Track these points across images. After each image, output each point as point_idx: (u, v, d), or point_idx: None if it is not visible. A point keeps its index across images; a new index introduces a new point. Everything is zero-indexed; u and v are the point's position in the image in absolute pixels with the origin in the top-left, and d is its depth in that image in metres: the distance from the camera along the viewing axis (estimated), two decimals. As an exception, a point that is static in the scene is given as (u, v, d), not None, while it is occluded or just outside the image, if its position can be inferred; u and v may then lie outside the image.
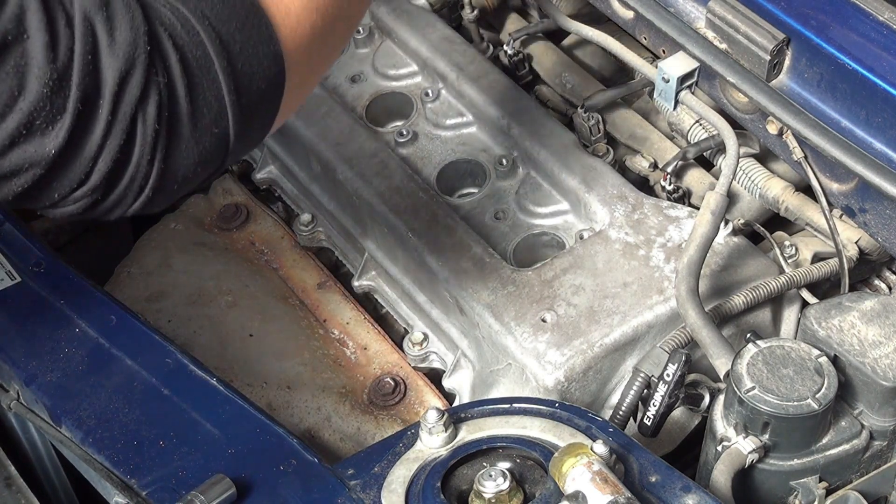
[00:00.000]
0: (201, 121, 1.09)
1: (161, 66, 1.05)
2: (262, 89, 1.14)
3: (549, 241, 1.78)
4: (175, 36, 1.07)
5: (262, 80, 1.14)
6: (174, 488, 1.37)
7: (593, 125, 1.93)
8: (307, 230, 1.95)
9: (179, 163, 1.09)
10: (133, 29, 1.04)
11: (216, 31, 1.09)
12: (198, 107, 1.08)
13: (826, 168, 1.62)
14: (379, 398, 1.76)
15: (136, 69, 1.03)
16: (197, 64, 1.08)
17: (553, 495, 1.23)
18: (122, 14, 1.04)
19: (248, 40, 1.12)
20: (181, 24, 1.07)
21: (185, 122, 1.07)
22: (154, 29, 1.06)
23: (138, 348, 1.56)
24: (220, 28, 1.09)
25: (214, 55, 1.08)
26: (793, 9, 1.59)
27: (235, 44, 1.10)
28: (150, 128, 1.05)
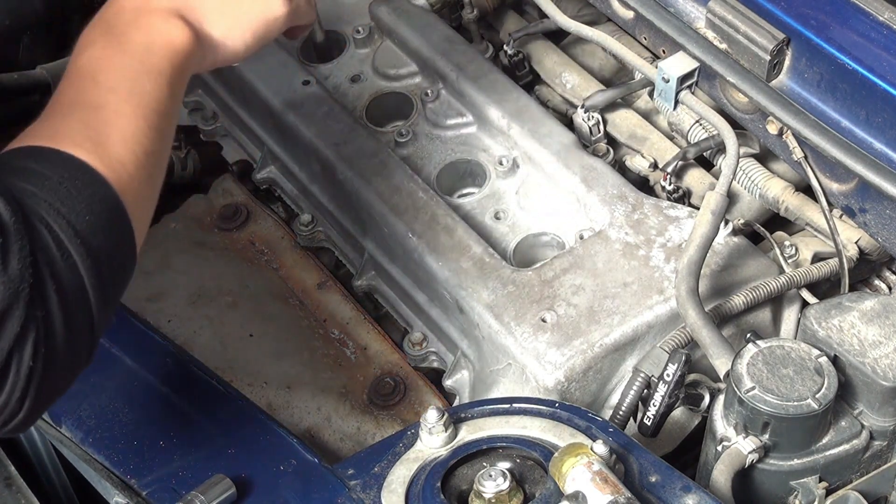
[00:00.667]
0: (76, 342, 1.08)
1: (39, 298, 1.04)
2: (119, 284, 1.16)
3: (549, 241, 1.78)
4: (52, 262, 1.06)
5: (120, 275, 1.16)
6: (174, 488, 1.37)
7: (593, 125, 1.93)
8: (307, 230, 1.94)
9: (53, 387, 1.09)
10: (21, 260, 1.02)
11: (87, 248, 1.09)
12: (72, 328, 1.08)
13: (826, 168, 1.62)
14: (379, 398, 1.76)
15: (18, 305, 1.02)
16: (71, 288, 1.07)
17: (553, 495, 1.23)
18: (14, 241, 1.02)
19: (112, 247, 1.13)
20: (56, 248, 1.07)
21: (61, 349, 1.07)
22: (36, 258, 1.04)
23: (138, 348, 1.56)
24: (90, 243, 1.10)
25: (85, 274, 1.08)
26: (793, 9, 1.59)
27: (103, 255, 1.11)
28: (25, 365, 1.04)
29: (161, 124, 1.23)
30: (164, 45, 1.26)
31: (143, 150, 1.19)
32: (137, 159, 1.18)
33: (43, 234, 1.06)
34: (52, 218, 1.07)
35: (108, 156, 1.15)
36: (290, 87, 1.95)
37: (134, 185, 1.17)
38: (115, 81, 1.21)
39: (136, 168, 1.18)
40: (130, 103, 1.21)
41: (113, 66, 1.23)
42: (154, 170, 1.22)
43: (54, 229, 1.07)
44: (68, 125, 1.17)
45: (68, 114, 1.19)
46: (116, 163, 1.16)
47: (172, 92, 1.26)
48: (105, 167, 1.14)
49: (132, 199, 1.16)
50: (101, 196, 1.13)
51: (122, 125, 1.19)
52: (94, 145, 1.15)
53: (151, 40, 1.26)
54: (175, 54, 1.27)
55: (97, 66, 1.23)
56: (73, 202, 1.10)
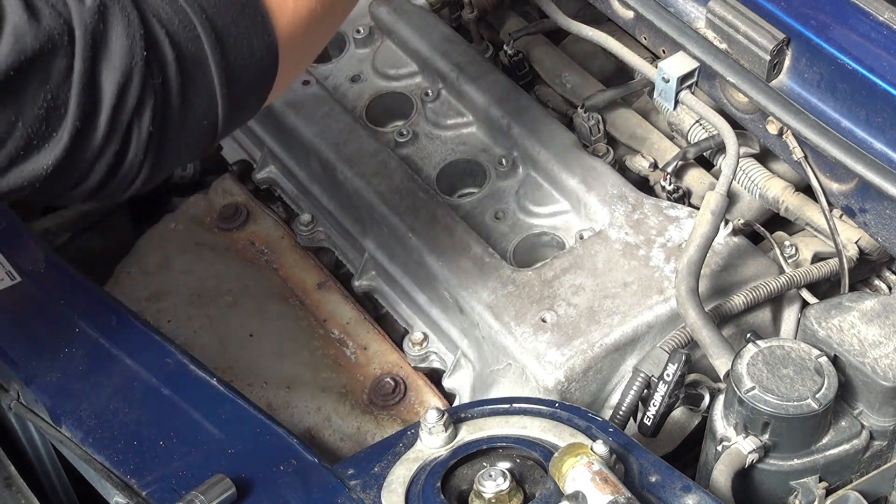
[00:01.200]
0: (192, 114, 1.10)
1: (157, 68, 1.05)
2: (253, 79, 1.15)
3: (549, 241, 1.78)
4: (171, 33, 1.07)
5: (254, 70, 1.14)
6: (174, 488, 1.37)
7: (593, 125, 1.93)
8: (307, 230, 1.94)
9: (170, 154, 1.11)
10: (129, 35, 1.03)
11: (212, 24, 1.09)
12: (189, 102, 1.09)
13: (826, 168, 1.62)
14: (379, 398, 1.76)
15: (134, 78, 1.04)
16: (192, 60, 1.08)
17: (553, 495, 1.23)
18: (119, 20, 1.03)
19: (243, 32, 1.12)
20: (178, 19, 1.07)
21: (176, 117, 1.09)
22: (151, 29, 1.05)
23: (138, 348, 1.56)
24: (217, 20, 1.09)
25: (209, 49, 1.09)
26: (793, 9, 1.58)
27: (230, 36, 1.11)
28: (144, 132, 1.06)
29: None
30: None
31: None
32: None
33: (162, 7, 1.06)
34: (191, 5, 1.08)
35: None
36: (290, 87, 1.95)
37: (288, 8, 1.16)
38: None
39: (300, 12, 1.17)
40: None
41: None
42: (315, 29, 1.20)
43: (178, 3, 1.07)
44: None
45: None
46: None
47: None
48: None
49: (280, 9, 1.15)
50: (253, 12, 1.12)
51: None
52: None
53: None
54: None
55: None
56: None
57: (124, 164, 1.07)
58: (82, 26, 1.01)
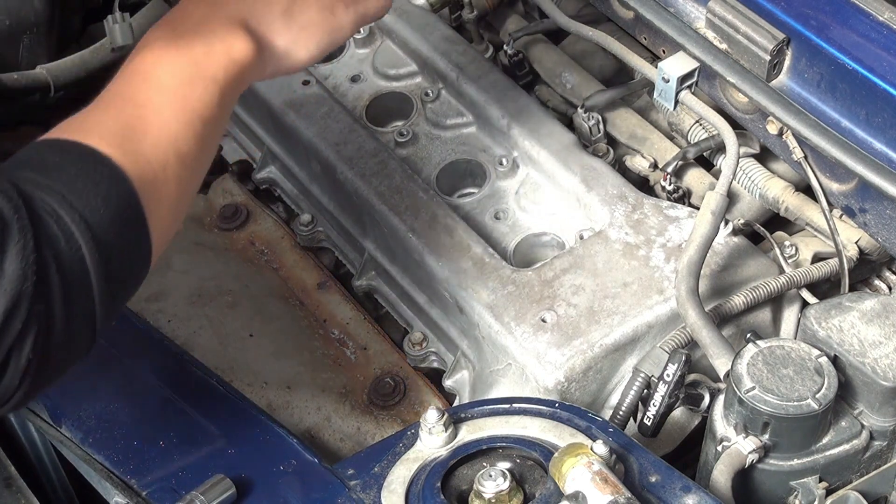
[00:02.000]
0: (72, 333, 1.09)
1: (43, 293, 1.04)
2: (129, 282, 1.16)
3: (549, 241, 1.78)
4: (58, 254, 1.05)
5: (131, 273, 1.15)
6: (174, 488, 1.37)
7: (593, 125, 1.93)
8: (307, 230, 1.94)
9: (48, 374, 1.09)
10: (23, 259, 1.02)
11: (97, 242, 1.08)
12: (70, 324, 1.08)
13: (826, 168, 1.62)
14: (379, 398, 1.76)
15: (21, 305, 1.02)
16: (76, 282, 1.07)
17: (553, 495, 1.23)
18: (15, 242, 1.02)
19: (125, 242, 1.12)
20: (64, 240, 1.06)
21: (60, 344, 1.07)
22: (41, 254, 1.04)
23: (138, 348, 1.56)
24: (101, 237, 1.09)
25: (92, 269, 1.08)
26: (793, 9, 1.59)
27: (113, 249, 1.10)
28: (23, 359, 1.04)
29: (203, 131, 1.22)
30: (223, 53, 1.26)
31: (175, 153, 1.18)
32: (167, 161, 1.17)
33: (51, 227, 1.06)
34: (65, 210, 1.07)
35: (135, 153, 1.15)
36: (290, 87, 1.95)
37: (158, 186, 1.16)
38: (165, 81, 1.21)
39: (164, 169, 1.17)
40: (174, 105, 1.20)
41: (166, 67, 1.22)
42: (185, 174, 1.20)
43: (65, 221, 1.06)
44: (102, 119, 1.17)
45: (106, 108, 1.19)
46: (143, 161, 1.15)
47: (222, 101, 1.25)
48: (129, 163, 1.13)
49: (154, 201, 1.15)
50: (119, 192, 1.12)
51: (158, 125, 1.18)
52: (122, 140, 1.14)
53: (211, 47, 1.25)
54: (232, 64, 1.26)
55: (151, 66, 1.22)
56: (87, 195, 1.09)
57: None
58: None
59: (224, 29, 1.28)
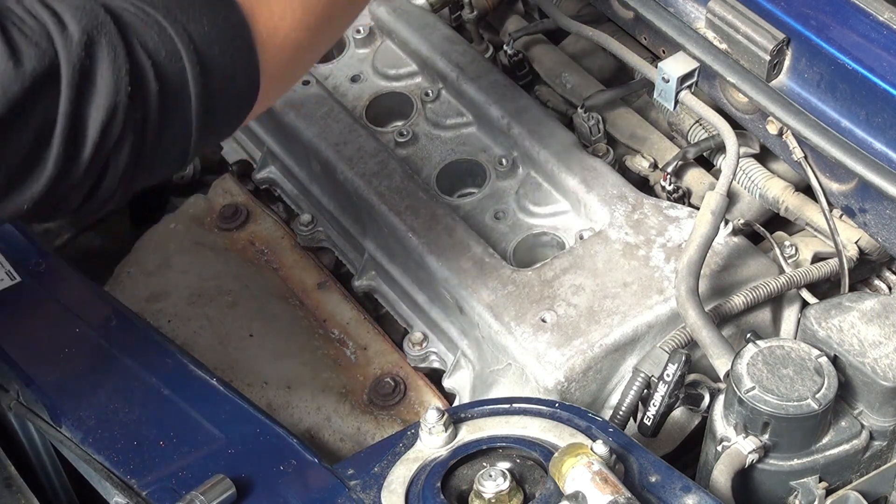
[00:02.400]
0: (166, 144, 1.10)
1: (140, 102, 1.05)
2: (231, 108, 1.16)
3: (549, 241, 1.78)
4: (157, 64, 1.06)
5: (233, 100, 1.15)
6: (174, 488, 1.37)
7: (593, 125, 1.93)
8: (307, 230, 1.94)
9: (141, 179, 1.11)
10: (115, 71, 1.03)
11: (199, 55, 1.09)
12: (165, 134, 1.09)
13: (826, 168, 1.62)
14: (379, 398, 1.76)
15: (118, 116, 1.04)
16: (174, 93, 1.08)
17: (553, 495, 1.23)
18: (105, 55, 1.03)
19: (229, 64, 1.12)
20: (165, 50, 1.07)
21: (151, 149, 1.09)
22: (136, 61, 1.05)
23: (138, 348, 1.56)
24: (204, 51, 1.09)
25: (192, 82, 1.09)
26: (793, 9, 1.59)
27: (216, 68, 1.10)
28: (121, 166, 1.07)
29: (323, 12, 1.21)
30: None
31: (301, 3, 1.18)
32: (287, 1, 1.17)
33: (151, 38, 1.06)
34: (169, 22, 1.07)
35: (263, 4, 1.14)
36: (290, 87, 1.96)
37: (273, 22, 1.16)
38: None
39: (282, 8, 1.16)
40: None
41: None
42: (308, 21, 1.19)
43: (168, 32, 1.07)
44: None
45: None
46: (262, 2, 1.15)
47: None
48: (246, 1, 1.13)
49: (268, 34, 1.15)
50: (226, 14, 1.12)
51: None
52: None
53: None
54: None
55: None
56: (192, 10, 1.09)
57: (99, 193, 1.08)
58: (69, 64, 1.01)
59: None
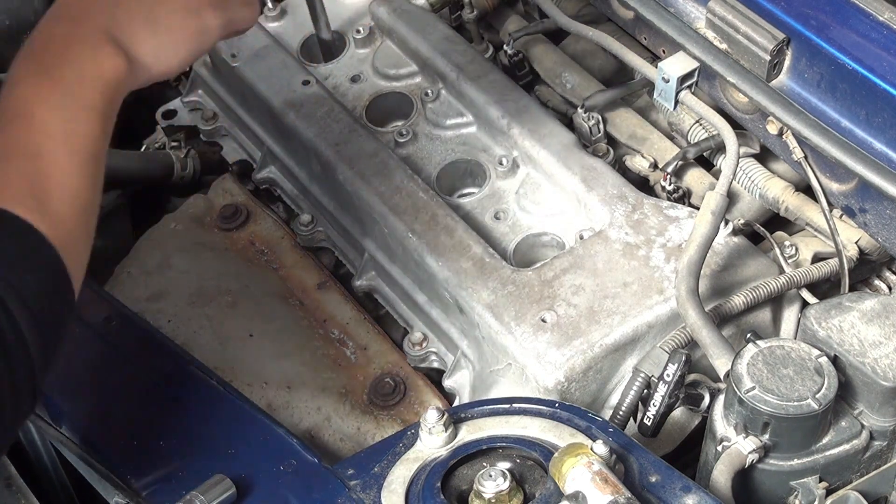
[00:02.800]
0: (19, 400, 1.12)
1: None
2: (62, 331, 1.19)
3: (549, 241, 1.78)
4: (3, 338, 1.09)
5: (62, 326, 1.18)
6: (174, 488, 1.37)
7: (593, 125, 1.93)
8: (307, 230, 1.94)
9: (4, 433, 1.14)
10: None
11: (33, 316, 1.12)
12: (15, 391, 1.11)
13: (826, 168, 1.62)
14: (379, 398, 1.76)
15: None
16: (17, 357, 1.11)
17: (553, 495, 1.23)
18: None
19: (56, 307, 1.16)
20: (7, 322, 1.09)
21: (7, 407, 1.11)
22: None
23: (138, 348, 1.56)
24: (37, 311, 1.12)
25: (30, 341, 1.11)
26: (793, 9, 1.59)
27: (47, 317, 1.14)
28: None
29: (95, 170, 1.23)
30: (96, 76, 1.25)
31: (81, 203, 1.20)
32: (76, 213, 1.19)
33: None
34: (4, 290, 1.10)
35: (50, 214, 1.16)
36: (290, 87, 1.95)
37: (73, 241, 1.18)
38: (48, 123, 1.20)
39: (76, 223, 1.19)
40: (66, 150, 1.20)
41: (43, 105, 1.21)
42: (91, 219, 1.23)
43: (6, 303, 1.09)
44: (8, 176, 1.17)
45: (6, 161, 1.19)
46: (58, 221, 1.17)
47: (104, 128, 1.25)
48: (48, 227, 1.15)
49: (72, 255, 1.18)
50: (47, 261, 1.15)
51: (60, 177, 1.19)
52: (36, 203, 1.16)
53: (83, 72, 1.24)
54: (107, 86, 1.25)
55: (30, 106, 1.21)
56: (21, 271, 1.12)
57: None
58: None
59: (90, 47, 1.26)
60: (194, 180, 2.17)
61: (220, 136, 2.14)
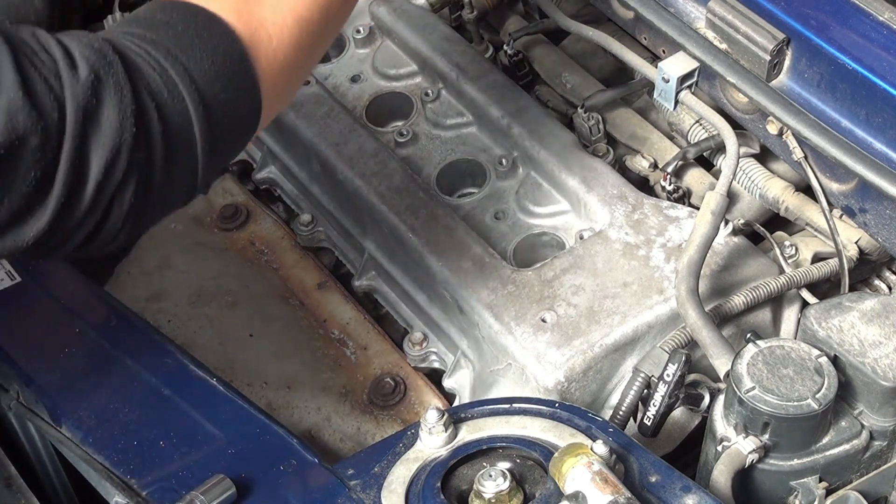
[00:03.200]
0: (173, 184, 1.11)
1: (144, 142, 1.06)
2: (235, 139, 1.17)
3: (549, 241, 1.78)
4: (160, 105, 1.07)
5: (237, 132, 1.16)
6: (174, 488, 1.37)
7: (593, 125, 1.93)
8: (307, 230, 1.94)
9: (148, 218, 1.13)
10: (121, 111, 1.04)
11: (201, 95, 1.10)
12: (171, 174, 1.10)
13: (826, 168, 1.62)
14: (379, 398, 1.76)
15: (121, 154, 1.04)
16: (178, 134, 1.09)
17: (553, 495, 1.23)
18: (111, 95, 1.04)
19: (231, 99, 1.13)
20: (167, 91, 1.08)
21: (158, 189, 1.10)
22: (141, 102, 1.06)
23: (138, 348, 1.56)
24: (206, 90, 1.10)
25: (196, 121, 1.09)
26: (793, 9, 1.59)
27: (218, 104, 1.11)
28: (125, 205, 1.07)
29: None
30: None
31: (293, 16, 1.18)
32: (283, 22, 1.18)
33: (155, 80, 1.07)
34: (170, 63, 1.08)
35: (249, 13, 1.15)
36: (290, 87, 1.95)
37: (272, 47, 1.16)
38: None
39: (279, 30, 1.17)
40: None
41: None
42: (304, 39, 1.20)
43: (169, 74, 1.08)
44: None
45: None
46: (256, 22, 1.15)
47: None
48: (241, 23, 1.14)
49: (267, 63, 1.16)
50: (227, 49, 1.13)
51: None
52: (237, 2, 1.15)
53: None
54: None
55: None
56: (193, 50, 1.10)
57: (103, 232, 1.09)
58: (74, 102, 1.01)
59: None
60: (194, 180, 2.17)
61: (220, 136, 2.14)
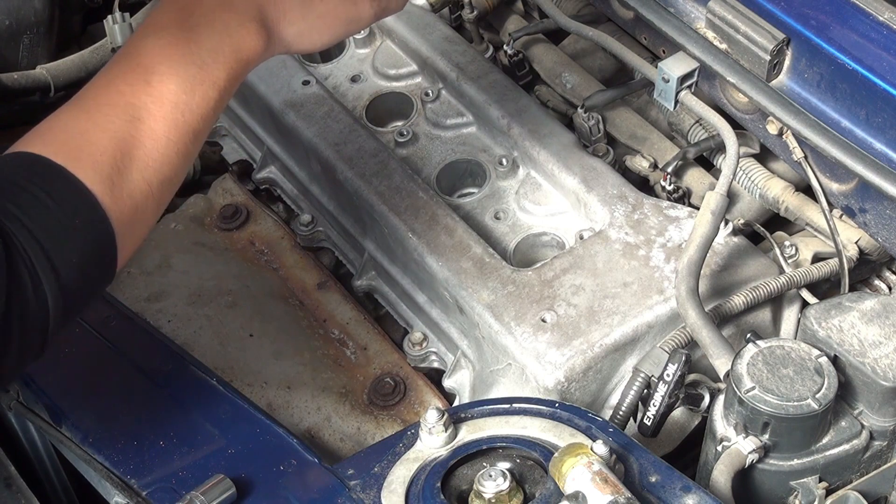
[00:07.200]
0: (25, 358, 1.12)
1: (3, 327, 1.07)
2: (90, 300, 1.17)
3: (549, 241, 1.78)
4: (24, 303, 1.08)
5: (92, 297, 1.17)
6: (174, 488, 1.37)
7: (593, 125, 1.93)
8: (307, 230, 1.95)
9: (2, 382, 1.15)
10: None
11: (61, 287, 1.10)
12: (24, 351, 1.11)
13: (826, 168, 1.62)
14: (379, 398, 1.76)
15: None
16: (35, 321, 1.10)
17: (553, 495, 1.23)
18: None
19: (92, 281, 1.14)
20: (33, 289, 1.08)
21: (11, 363, 1.10)
22: (10, 301, 1.06)
23: (138, 348, 1.56)
24: (68, 284, 1.11)
25: (52, 308, 1.10)
26: (793, 9, 1.59)
27: (77, 290, 1.12)
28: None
29: (191, 147, 1.20)
30: (232, 53, 1.22)
31: (159, 179, 1.17)
32: (150, 189, 1.16)
33: (24, 276, 1.07)
34: (39, 260, 1.08)
35: (122, 185, 1.14)
36: (290, 87, 1.95)
37: (136, 216, 1.16)
38: (165, 88, 1.18)
39: (145, 198, 1.16)
40: (169, 121, 1.17)
41: (169, 67, 1.18)
42: (166, 194, 1.19)
43: (37, 272, 1.08)
44: (97, 133, 1.14)
45: (102, 112, 1.16)
46: (126, 195, 1.14)
47: (218, 107, 1.22)
48: (112, 200, 1.13)
49: (129, 234, 1.15)
50: (96, 236, 1.12)
51: (150, 147, 1.16)
52: (111, 170, 1.13)
53: (220, 46, 1.22)
54: (238, 63, 1.23)
55: (154, 61, 1.18)
56: (62, 241, 1.10)
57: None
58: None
59: (238, 22, 1.23)
60: (194, 180, 2.17)
61: (220, 136, 2.14)
